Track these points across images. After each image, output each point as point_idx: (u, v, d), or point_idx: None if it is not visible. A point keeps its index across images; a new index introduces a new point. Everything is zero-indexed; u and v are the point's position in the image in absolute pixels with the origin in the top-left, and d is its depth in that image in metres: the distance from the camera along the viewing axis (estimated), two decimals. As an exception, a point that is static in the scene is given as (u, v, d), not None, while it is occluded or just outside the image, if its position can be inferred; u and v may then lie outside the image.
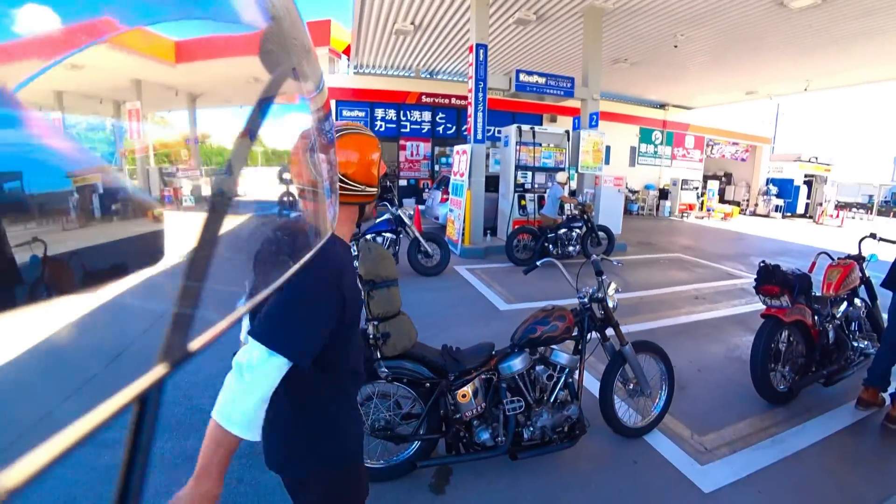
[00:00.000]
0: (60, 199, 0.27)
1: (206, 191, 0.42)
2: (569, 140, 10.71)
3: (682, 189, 19.08)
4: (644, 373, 3.03)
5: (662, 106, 20.55)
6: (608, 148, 12.45)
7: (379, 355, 2.30)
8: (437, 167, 16.51)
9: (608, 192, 11.67)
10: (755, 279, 3.71)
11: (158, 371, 0.29)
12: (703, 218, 19.21)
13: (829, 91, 17.96)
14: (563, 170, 10.24)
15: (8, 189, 0.24)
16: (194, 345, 0.32)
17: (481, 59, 9.36)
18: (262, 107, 0.42)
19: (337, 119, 15.27)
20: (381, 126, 15.84)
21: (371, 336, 2.25)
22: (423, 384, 2.50)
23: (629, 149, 19.93)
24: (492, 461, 2.71)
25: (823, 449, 3.12)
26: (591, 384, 3.47)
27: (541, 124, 15.97)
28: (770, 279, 3.60)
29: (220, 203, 0.39)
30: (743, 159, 23.58)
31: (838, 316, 3.91)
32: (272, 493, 2.45)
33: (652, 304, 6.43)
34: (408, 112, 16.13)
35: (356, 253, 6.37)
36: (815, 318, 3.67)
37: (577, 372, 2.80)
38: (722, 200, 22.12)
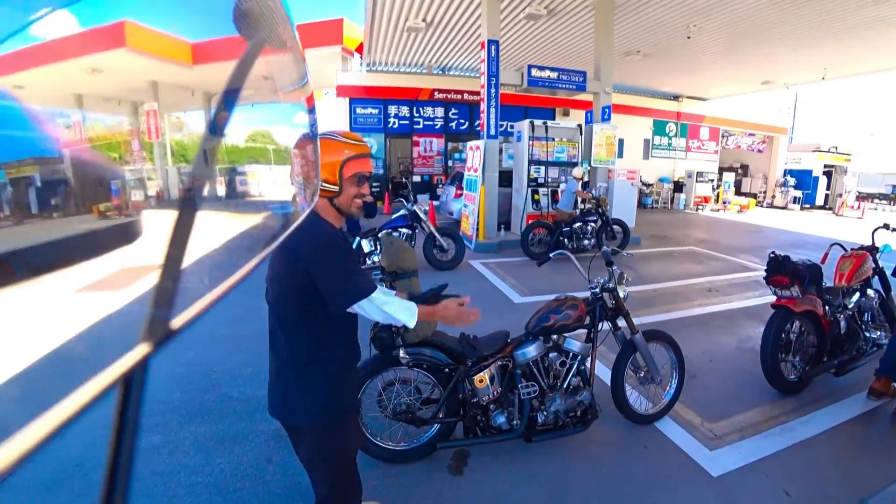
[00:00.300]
0: None
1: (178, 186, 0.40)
2: (581, 134, 10.74)
3: (697, 181, 18.93)
4: (654, 361, 3.12)
5: (676, 97, 20.32)
6: (621, 141, 12.43)
7: (401, 342, 2.44)
8: (450, 163, 16.61)
9: (621, 186, 11.66)
10: (765, 270, 3.77)
11: (141, 350, 0.29)
12: (718, 211, 19.03)
13: (849, 79, 17.61)
14: (578, 164, 10.29)
15: None
16: (176, 323, 0.32)
17: (493, 55, 9.42)
18: (236, 83, 0.40)
19: (352, 116, 15.45)
20: (394, 123, 15.98)
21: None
22: (443, 370, 2.64)
23: (643, 141, 19.78)
24: (507, 444, 2.84)
25: (832, 437, 3.18)
26: (604, 373, 3.57)
27: (553, 118, 15.96)
28: (780, 270, 3.66)
29: (196, 188, 0.38)
30: (760, 150, 23.22)
31: (850, 306, 3.94)
32: (301, 472, 2.60)
33: (665, 296, 6.48)
34: (421, 108, 16.23)
35: (373, 248, 6.51)
36: (826, 308, 3.71)
37: (589, 359, 2.91)
38: (738, 193, 21.85)
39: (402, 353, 2.47)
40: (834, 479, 2.77)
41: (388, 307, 1.66)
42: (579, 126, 10.84)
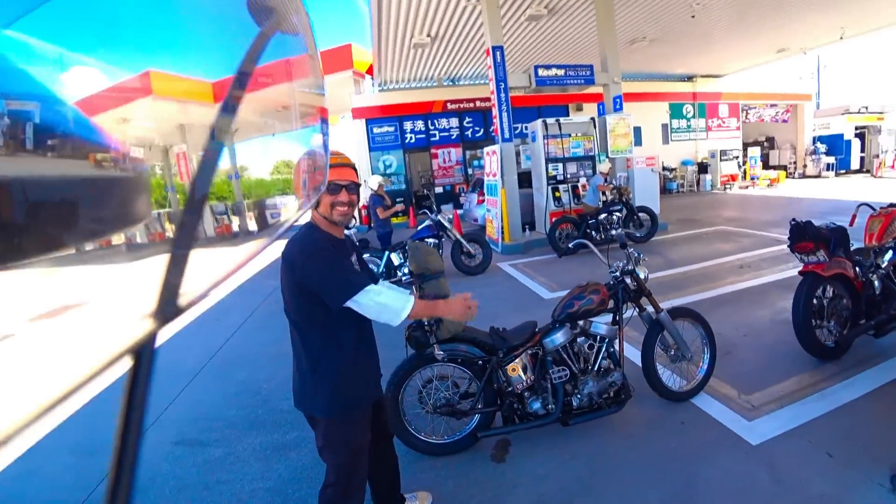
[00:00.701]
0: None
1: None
2: (595, 127, 10.75)
3: (721, 160, 18.51)
4: (683, 338, 3.18)
5: (690, 78, 19.95)
6: (638, 129, 12.32)
7: (434, 339, 2.60)
8: (470, 170, 16.80)
9: (642, 173, 11.54)
10: (788, 238, 3.77)
11: (150, 326, 0.29)
12: (747, 188, 18.56)
13: (869, 36, 16.72)
14: (597, 158, 10.33)
15: None
16: (183, 301, 0.32)
17: (499, 60, 9.57)
18: (249, 67, 0.40)
19: (369, 136, 15.87)
20: (411, 138, 16.31)
21: (425, 323, 2.56)
22: (476, 363, 2.79)
23: (661, 126, 19.49)
24: (545, 430, 2.95)
25: (875, 398, 3.14)
26: (635, 356, 3.63)
27: (567, 115, 15.97)
28: (803, 236, 3.65)
29: (207, 167, 0.38)
30: (784, 120, 22.43)
31: (884, 265, 3.87)
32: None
33: (696, 277, 6.45)
34: (435, 121, 16.52)
35: (403, 261, 6.73)
36: (857, 269, 3.68)
37: (617, 341, 3.00)
38: (766, 166, 21.21)
39: (436, 350, 2.63)
40: (878, 438, 2.74)
41: (381, 297, 1.77)
42: (592, 119, 10.85)
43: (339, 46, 15.09)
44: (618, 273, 3.07)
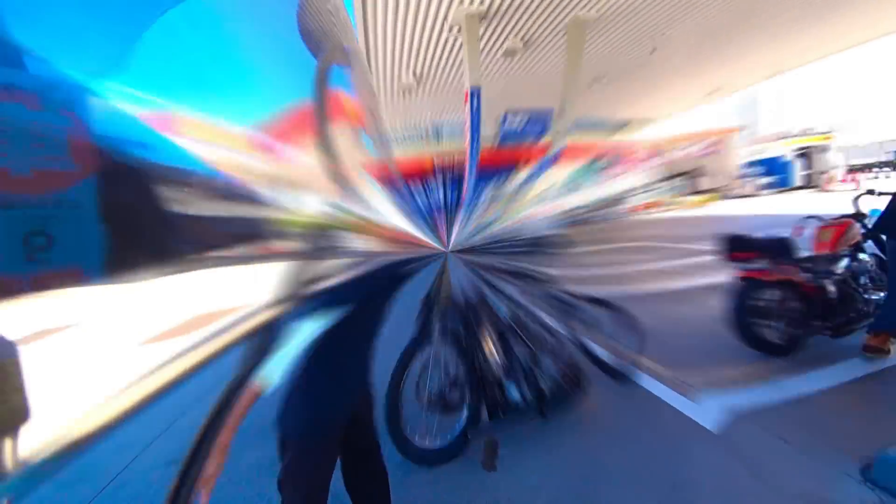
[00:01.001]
0: (182, 173, 0.27)
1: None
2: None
3: (636, 194, 18.54)
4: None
5: (624, 125, 19.71)
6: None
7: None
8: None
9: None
10: (722, 249, 3.96)
11: (276, 310, 0.32)
12: (669, 209, 18.60)
13: (806, 67, 16.82)
14: None
15: (139, 155, 0.25)
16: (305, 291, 0.35)
17: (475, 106, 9.70)
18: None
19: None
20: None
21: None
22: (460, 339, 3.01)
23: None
24: (529, 436, 3.09)
25: (833, 394, 3.18)
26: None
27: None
28: (740, 246, 3.88)
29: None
30: (715, 151, 22.94)
31: (839, 271, 3.86)
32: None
33: (615, 279, 6.80)
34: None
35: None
36: (807, 275, 3.72)
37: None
38: (695, 192, 21.61)
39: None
40: (839, 430, 2.75)
41: (284, 353, 1.45)
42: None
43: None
44: None
